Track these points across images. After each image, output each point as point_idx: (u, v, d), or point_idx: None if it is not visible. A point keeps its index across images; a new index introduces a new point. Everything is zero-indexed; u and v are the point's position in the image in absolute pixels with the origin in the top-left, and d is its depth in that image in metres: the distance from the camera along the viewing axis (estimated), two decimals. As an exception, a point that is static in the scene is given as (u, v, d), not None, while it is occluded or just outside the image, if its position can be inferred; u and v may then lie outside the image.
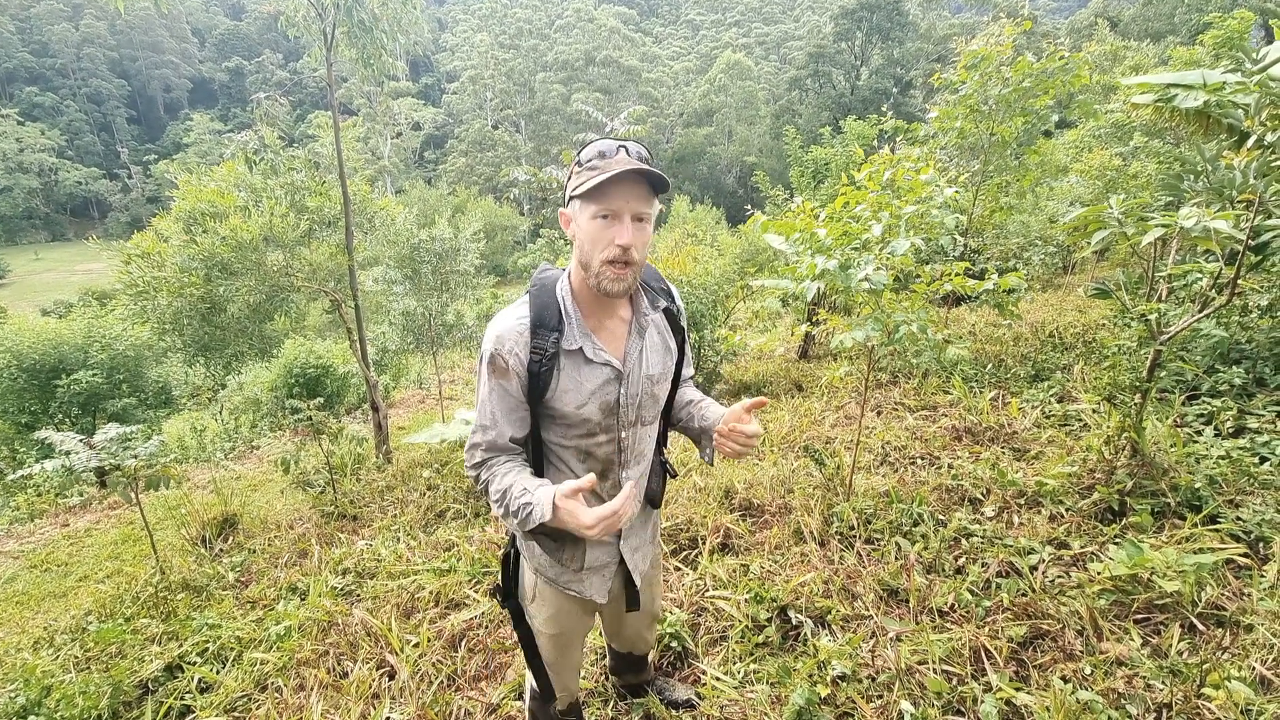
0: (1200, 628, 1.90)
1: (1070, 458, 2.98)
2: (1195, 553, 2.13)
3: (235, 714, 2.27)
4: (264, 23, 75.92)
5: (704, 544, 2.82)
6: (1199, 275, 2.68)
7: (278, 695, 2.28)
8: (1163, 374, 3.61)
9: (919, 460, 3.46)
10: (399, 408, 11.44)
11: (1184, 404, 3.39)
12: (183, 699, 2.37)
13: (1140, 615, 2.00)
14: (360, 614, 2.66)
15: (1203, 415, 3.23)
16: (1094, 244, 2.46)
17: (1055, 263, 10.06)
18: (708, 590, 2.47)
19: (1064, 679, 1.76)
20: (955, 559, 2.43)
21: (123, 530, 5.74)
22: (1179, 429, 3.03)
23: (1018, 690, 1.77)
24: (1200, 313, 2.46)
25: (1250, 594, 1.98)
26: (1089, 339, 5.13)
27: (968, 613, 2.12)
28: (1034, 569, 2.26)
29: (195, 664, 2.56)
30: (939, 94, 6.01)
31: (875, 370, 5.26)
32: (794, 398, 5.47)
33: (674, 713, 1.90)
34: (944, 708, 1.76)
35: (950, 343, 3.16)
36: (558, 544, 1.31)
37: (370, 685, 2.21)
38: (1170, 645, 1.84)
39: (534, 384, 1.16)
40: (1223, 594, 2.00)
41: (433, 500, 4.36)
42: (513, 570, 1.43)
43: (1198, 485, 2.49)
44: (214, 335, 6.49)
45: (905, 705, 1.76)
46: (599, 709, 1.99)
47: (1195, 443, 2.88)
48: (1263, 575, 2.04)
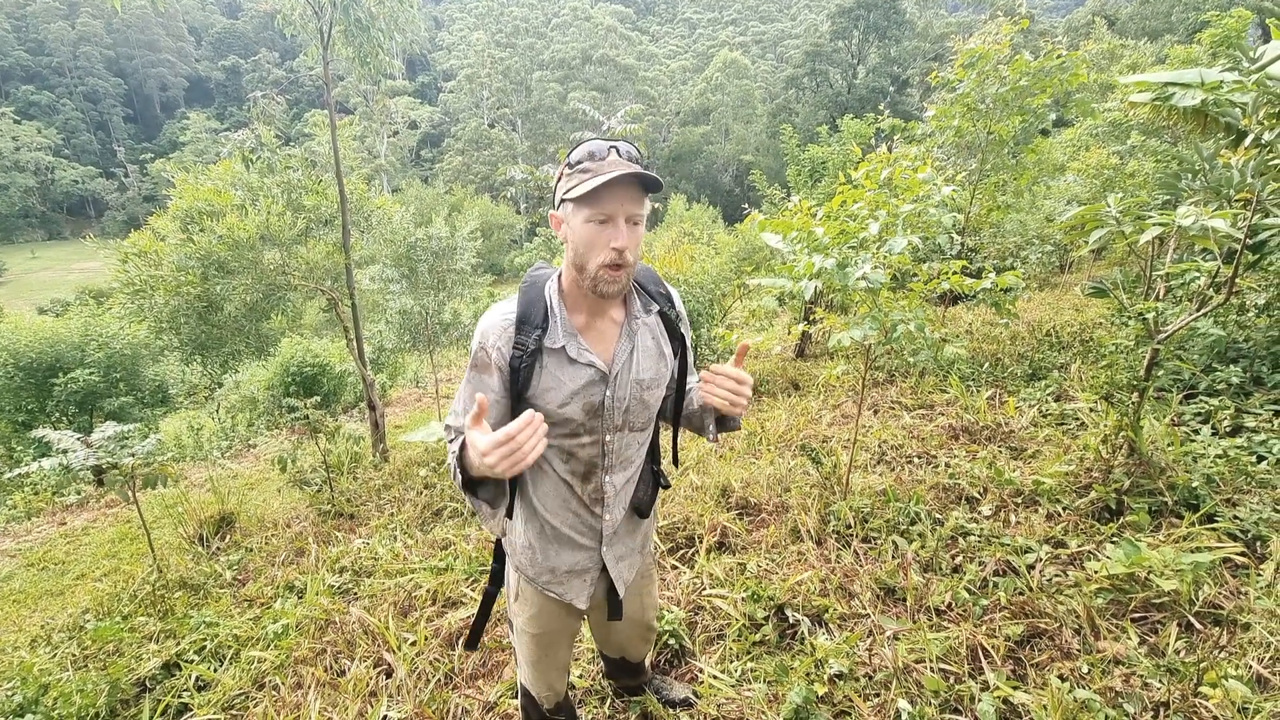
0: (1197, 626, 1.90)
1: (1067, 456, 2.98)
2: (1192, 551, 2.14)
3: (233, 712, 2.26)
4: (260, 21, 75.78)
5: (701, 543, 2.82)
6: (1196, 274, 2.68)
7: (275, 693, 2.28)
8: (1160, 373, 3.61)
9: (916, 459, 3.47)
10: (396, 406, 11.45)
11: (1181, 403, 3.40)
12: (180, 697, 2.36)
13: (1137, 614, 2.00)
14: (357, 612, 2.65)
15: (1200, 414, 3.24)
16: (1091, 243, 2.47)
17: (1052, 261, 10.09)
18: (705, 589, 2.47)
19: (1061, 678, 1.77)
20: (952, 558, 2.43)
21: (120, 528, 5.74)
22: (1176, 428, 3.03)
23: (1015, 689, 1.77)
24: (1198, 311, 2.46)
25: (1247, 593, 1.98)
26: (1086, 338, 5.14)
27: (965, 611, 2.12)
28: (1031, 568, 2.27)
29: (193, 662, 2.55)
30: (936, 92, 6.01)
31: (872, 369, 5.27)
32: (791, 396, 5.48)
33: (671, 711, 1.90)
34: (941, 706, 1.76)
35: (947, 341, 3.15)
36: (532, 549, 1.32)
37: (367, 683, 2.21)
38: (1167, 644, 1.84)
39: (515, 379, 1.16)
40: (1220, 593, 2.00)
41: (430, 499, 4.36)
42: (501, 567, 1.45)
43: (1195, 484, 2.49)
44: (211, 334, 6.50)
45: (902, 704, 1.76)
46: (595, 707, 1.99)
47: (1193, 441, 2.88)
48: (1260, 574, 2.04)
